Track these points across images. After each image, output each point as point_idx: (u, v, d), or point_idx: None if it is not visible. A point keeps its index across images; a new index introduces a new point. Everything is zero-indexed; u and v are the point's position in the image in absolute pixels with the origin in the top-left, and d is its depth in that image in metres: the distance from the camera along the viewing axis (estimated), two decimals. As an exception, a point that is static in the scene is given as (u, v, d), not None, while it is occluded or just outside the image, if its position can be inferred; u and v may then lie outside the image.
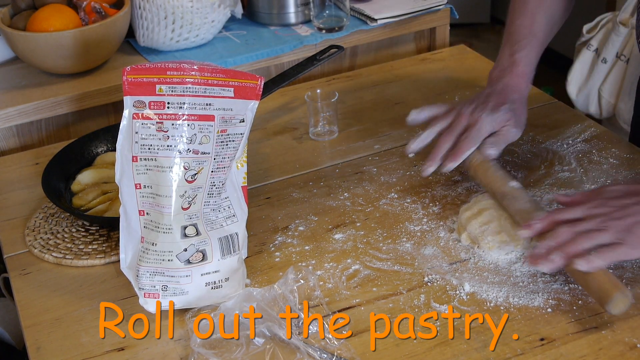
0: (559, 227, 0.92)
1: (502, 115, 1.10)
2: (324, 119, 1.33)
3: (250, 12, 1.67)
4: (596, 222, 0.91)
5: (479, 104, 1.12)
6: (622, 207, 0.92)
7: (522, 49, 1.15)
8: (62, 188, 1.19)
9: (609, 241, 0.89)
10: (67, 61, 1.44)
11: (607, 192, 0.96)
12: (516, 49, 1.15)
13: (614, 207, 0.92)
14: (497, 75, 1.16)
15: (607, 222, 0.90)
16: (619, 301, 0.87)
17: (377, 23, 1.61)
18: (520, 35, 1.16)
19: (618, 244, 0.89)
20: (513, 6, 1.19)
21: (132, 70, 0.90)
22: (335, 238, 1.07)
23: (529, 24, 1.16)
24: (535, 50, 1.16)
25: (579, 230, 0.91)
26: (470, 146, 1.08)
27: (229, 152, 0.95)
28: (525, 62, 1.14)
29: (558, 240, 0.91)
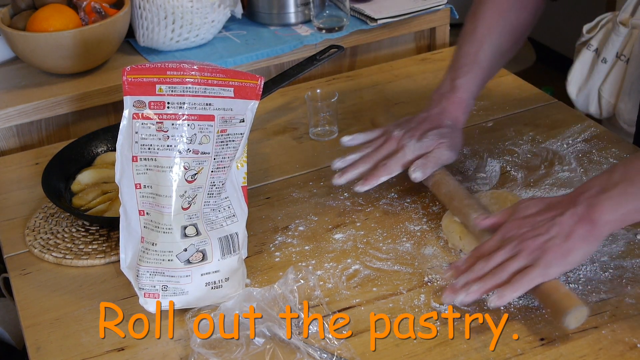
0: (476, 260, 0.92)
1: (431, 140, 1.09)
2: (324, 119, 1.33)
3: (250, 12, 1.67)
4: (510, 247, 0.90)
5: (409, 129, 1.11)
6: (536, 226, 0.91)
7: (463, 75, 1.13)
8: (62, 188, 1.19)
9: (522, 265, 0.88)
10: (67, 61, 1.44)
11: (522, 209, 0.94)
12: (458, 74, 1.14)
13: (527, 226, 0.91)
14: (436, 98, 1.15)
15: (520, 245, 0.90)
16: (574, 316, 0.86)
17: (377, 23, 1.61)
18: (464, 62, 1.14)
19: (531, 267, 0.88)
20: (462, 32, 1.18)
21: (132, 70, 0.90)
22: (335, 238, 1.07)
23: (474, 51, 1.14)
24: (478, 78, 1.14)
25: (494, 264, 0.90)
26: (385, 173, 1.09)
27: (229, 152, 0.95)
28: (465, 88, 1.13)
29: (473, 276, 0.90)
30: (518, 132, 1.29)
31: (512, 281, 0.88)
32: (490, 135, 1.29)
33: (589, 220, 0.88)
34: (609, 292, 0.94)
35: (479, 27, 1.15)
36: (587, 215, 0.88)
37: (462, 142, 1.13)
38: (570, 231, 0.88)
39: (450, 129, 1.12)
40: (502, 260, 0.90)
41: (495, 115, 1.35)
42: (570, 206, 0.90)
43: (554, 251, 0.88)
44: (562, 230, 0.89)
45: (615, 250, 1.00)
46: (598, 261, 0.98)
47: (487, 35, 1.14)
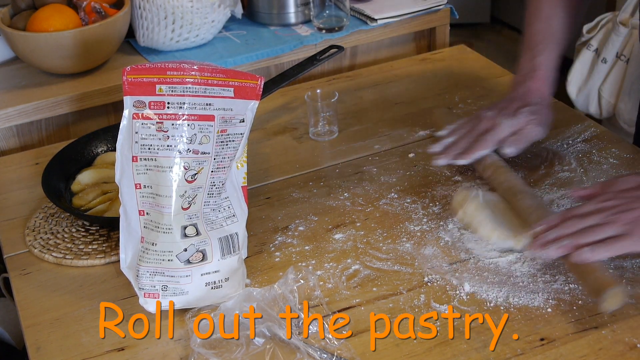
0: (568, 220, 0.93)
1: (523, 117, 1.12)
2: (324, 119, 1.33)
3: (250, 12, 1.67)
4: (604, 215, 0.91)
5: (500, 109, 1.15)
6: (632, 200, 0.92)
7: (540, 53, 1.17)
8: (62, 188, 1.19)
9: (615, 234, 0.90)
10: (67, 61, 1.44)
11: (620, 183, 0.96)
12: (535, 53, 1.17)
13: (624, 199, 0.93)
14: (519, 80, 1.18)
15: (615, 215, 0.91)
16: (614, 296, 0.87)
17: (377, 23, 1.61)
18: (538, 39, 1.18)
19: (624, 236, 0.89)
20: (528, 12, 1.21)
21: (132, 70, 0.90)
22: (335, 238, 1.07)
23: (544, 28, 1.18)
24: (555, 53, 1.18)
25: (586, 224, 0.91)
26: (483, 147, 1.12)
27: (229, 152, 0.95)
28: (545, 65, 1.17)
29: (565, 231, 0.92)
30: (518, 132, 1.29)
31: (605, 242, 0.89)
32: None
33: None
34: (609, 292, 0.94)
35: (544, 4, 1.19)
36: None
37: (552, 117, 1.16)
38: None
39: (539, 105, 1.14)
40: (595, 224, 0.91)
41: (495, 115, 1.34)
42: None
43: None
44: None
45: (615, 250, 1.00)
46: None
47: (553, 9, 1.18)
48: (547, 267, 0.98)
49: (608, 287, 0.87)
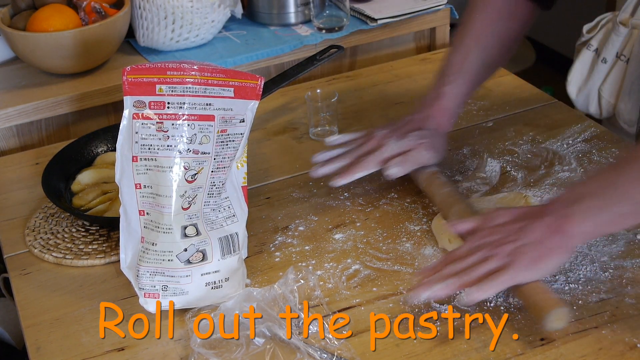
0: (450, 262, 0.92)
1: (412, 139, 1.11)
2: (324, 119, 1.33)
3: (250, 12, 1.67)
4: (485, 251, 0.90)
5: (393, 129, 1.14)
6: (510, 233, 0.91)
7: (449, 83, 1.15)
8: (62, 188, 1.19)
9: (497, 267, 0.88)
10: (67, 61, 1.44)
11: (495, 217, 0.95)
12: (444, 82, 1.16)
13: (502, 233, 0.92)
14: (423, 104, 1.17)
15: (495, 249, 0.90)
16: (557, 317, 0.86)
17: (377, 23, 1.61)
18: (451, 71, 1.16)
19: (506, 268, 0.88)
20: (452, 40, 1.20)
21: (132, 70, 0.90)
22: (335, 238, 1.07)
23: (460, 61, 1.16)
24: (463, 87, 1.15)
25: (469, 263, 0.90)
26: (365, 168, 1.10)
27: (229, 152, 0.95)
28: (450, 97, 1.15)
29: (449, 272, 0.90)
30: (518, 132, 1.29)
31: (482, 282, 0.88)
32: (490, 135, 1.29)
33: (559, 230, 0.89)
34: (609, 292, 0.94)
35: (467, 37, 1.16)
36: (558, 226, 0.89)
37: (444, 146, 1.15)
38: (541, 240, 0.89)
39: (433, 132, 1.13)
40: (474, 263, 0.90)
41: (495, 115, 1.35)
42: (543, 216, 0.91)
43: (525, 257, 0.88)
44: (533, 238, 0.89)
45: (615, 250, 1.00)
46: (598, 261, 0.98)
47: (475, 45, 1.16)
48: (547, 267, 0.98)
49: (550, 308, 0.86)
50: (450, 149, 1.25)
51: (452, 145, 1.26)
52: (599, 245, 1.01)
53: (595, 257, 0.99)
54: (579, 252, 1.00)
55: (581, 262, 0.98)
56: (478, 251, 0.91)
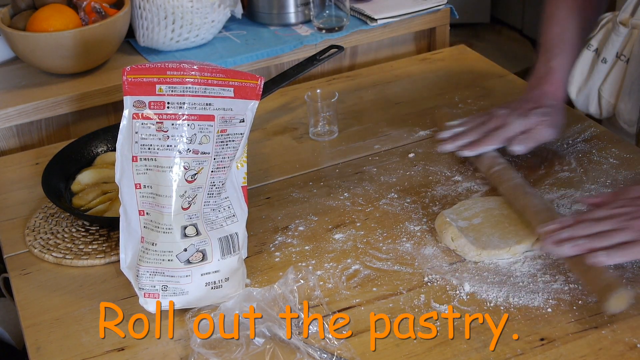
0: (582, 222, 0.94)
1: (534, 117, 1.14)
2: (324, 119, 1.33)
3: (250, 12, 1.67)
4: (617, 221, 0.92)
5: (513, 108, 1.17)
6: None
7: (555, 57, 1.19)
8: (62, 188, 1.19)
9: (628, 239, 0.90)
10: (67, 61, 1.44)
11: (631, 191, 0.97)
12: (550, 56, 1.19)
13: (636, 206, 0.93)
14: (534, 83, 1.20)
15: (628, 222, 0.91)
16: (618, 299, 0.87)
17: (377, 23, 1.61)
18: (553, 44, 1.20)
19: (637, 242, 0.90)
20: (545, 17, 1.23)
21: (132, 70, 0.90)
22: (335, 238, 1.07)
23: (560, 32, 1.20)
24: (569, 56, 1.20)
25: (600, 229, 0.92)
26: (491, 142, 1.14)
27: (229, 152, 0.95)
28: (560, 68, 1.18)
29: (579, 232, 0.92)
30: (518, 132, 1.29)
31: (620, 247, 0.89)
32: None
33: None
34: (609, 292, 0.94)
35: (561, 8, 1.21)
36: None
37: (564, 120, 1.18)
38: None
39: (552, 108, 1.16)
40: (609, 230, 0.92)
41: (495, 115, 1.34)
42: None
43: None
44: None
45: (615, 250, 1.00)
46: (598, 261, 0.98)
47: (570, 13, 1.20)
48: (547, 267, 0.98)
49: (614, 289, 0.87)
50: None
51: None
52: (599, 245, 1.01)
53: (595, 257, 0.99)
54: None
55: (581, 262, 0.98)
56: (612, 219, 0.92)
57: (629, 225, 0.91)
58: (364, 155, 1.26)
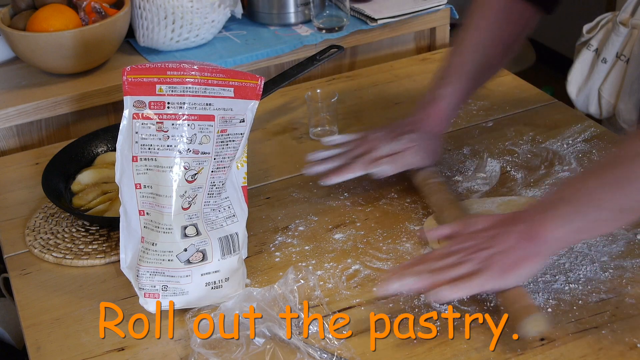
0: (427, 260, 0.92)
1: (402, 142, 1.12)
2: (324, 119, 1.33)
3: (250, 12, 1.67)
4: (456, 257, 0.91)
5: (387, 132, 1.15)
6: (486, 239, 0.91)
7: (445, 86, 1.15)
8: (62, 188, 1.19)
9: (470, 270, 0.89)
10: (67, 61, 1.44)
11: (471, 224, 0.96)
12: (440, 85, 1.16)
13: (478, 239, 0.92)
14: (417, 108, 1.18)
15: (470, 255, 0.90)
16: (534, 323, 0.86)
17: (377, 23, 1.61)
18: (448, 73, 1.16)
19: (478, 272, 0.88)
20: (455, 41, 1.19)
21: (132, 70, 0.90)
22: (335, 238, 1.07)
23: (459, 63, 1.16)
24: (460, 89, 1.15)
25: (444, 264, 0.90)
26: (356, 170, 1.12)
27: (229, 152, 0.95)
28: (446, 99, 1.15)
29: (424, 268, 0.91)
30: (518, 132, 1.29)
31: (463, 279, 0.88)
32: (490, 135, 1.29)
33: (532, 237, 0.89)
34: (609, 292, 0.94)
35: (467, 40, 1.17)
36: (531, 233, 0.89)
37: (437, 149, 1.16)
38: (514, 247, 0.89)
39: (425, 134, 1.14)
40: (448, 265, 0.91)
41: (495, 115, 1.35)
42: (517, 222, 0.91)
43: (497, 265, 0.88)
44: (507, 245, 0.89)
45: (615, 250, 1.00)
46: (598, 261, 0.98)
47: (474, 47, 1.16)
48: (548, 267, 0.98)
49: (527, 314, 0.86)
50: (450, 149, 1.25)
51: (452, 145, 1.26)
52: (599, 245, 1.01)
53: (595, 257, 0.99)
54: (579, 253, 1.00)
55: (581, 262, 0.98)
56: (455, 254, 0.91)
57: (471, 258, 0.90)
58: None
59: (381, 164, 1.11)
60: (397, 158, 1.11)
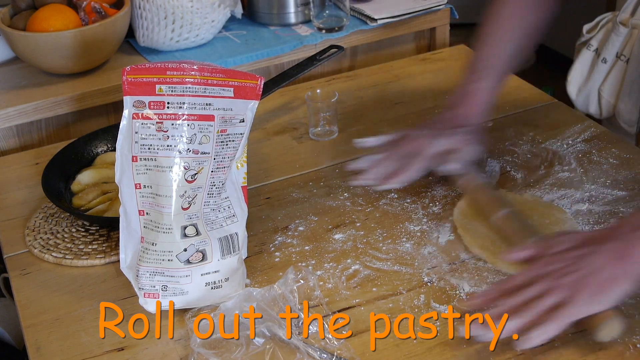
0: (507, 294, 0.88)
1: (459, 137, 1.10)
2: (324, 119, 1.33)
3: (250, 12, 1.67)
4: (542, 284, 0.86)
5: (430, 129, 1.13)
6: (572, 261, 0.87)
7: (478, 79, 1.14)
8: (62, 188, 1.19)
9: (556, 302, 0.84)
10: (67, 61, 1.44)
11: (556, 244, 0.91)
12: (473, 78, 1.15)
13: (560, 263, 0.87)
14: (450, 104, 1.16)
15: (555, 281, 0.85)
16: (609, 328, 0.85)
17: (377, 23, 1.61)
18: (481, 65, 1.15)
19: (566, 304, 0.84)
20: (479, 34, 1.18)
21: (132, 70, 0.90)
22: (335, 238, 1.07)
23: (490, 54, 1.15)
24: (494, 80, 1.14)
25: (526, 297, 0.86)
26: (414, 169, 1.08)
27: (229, 152, 0.95)
28: (481, 92, 1.14)
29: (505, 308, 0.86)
30: (518, 132, 1.29)
31: (550, 316, 0.83)
32: (490, 135, 1.29)
33: (623, 257, 0.84)
34: (609, 292, 0.94)
35: (495, 30, 1.16)
36: (622, 252, 0.84)
37: (484, 140, 1.15)
38: (604, 268, 0.84)
39: (473, 128, 1.13)
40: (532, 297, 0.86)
41: (495, 115, 1.34)
42: (606, 241, 0.87)
43: (586, 290, 0.84)
44: (596, 267, 0.85)
45: (615, 250, 1.00)
46: (598, 261, 0.98)
47: (504, 37, 1.15)
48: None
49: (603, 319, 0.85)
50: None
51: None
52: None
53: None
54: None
55: (581, 262, 0.98)
56: (537, 282, 0.86)
57: (556, 285, 0.85)
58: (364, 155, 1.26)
59: (448, 160, 1.09)
60: (459, 153, 1.09)
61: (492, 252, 1.00)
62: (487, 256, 1.00)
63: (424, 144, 1.10)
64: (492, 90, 1.14)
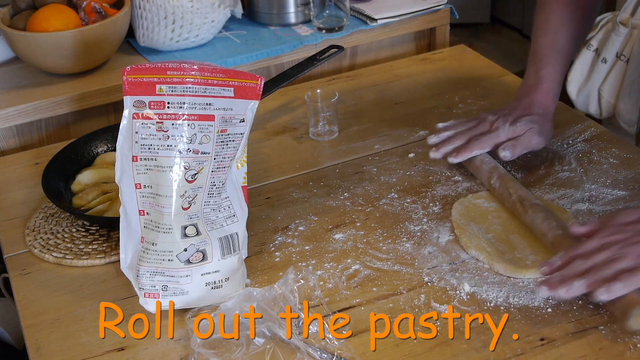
0: (576, 260, 0.89)
1: (523, 124, 1.14)
2: (324, 119, 1.33)
3: (250, 12, 1.67)
4: (613, 250, 0.88)
5: (502, 115, 1.17)
6: (637, 233, 0.89)
7: (545, 66, 1.19)
8: (62, 188, 1.19)
9: (628, 267, 0.86)
10: (67, 61, 1.44)
11: (622, 216, 0.93)
12: (540, 66, 1.19)
13: (628, 232, 0.89)
14: (524, 92, 1.21)
15: (625, 249, 0.87)
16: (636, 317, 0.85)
17: (377, 23, 1.61)
18: (544, 52, 1.20)
19: (632, 271, 0.85)
20: (536, 25, 1.23)
21: (132, 70, 0.90)
22: (335, 238, 1.07)
23: (551, 41, 1.20)
24: (560, 65, 1.19)
25: (593, 263, 0.88)
26: (479, 147, 1.14)
27: (229, 152, 0.95)
28: (550, 78, 1.19)
29: (571, 272, 0.88)
30: (518, 132, 1.29)
31: (621, 277, 0.85)
32: (490, 135, 1.29)
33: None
34: (609, 292, 0.94)
35: (551, 17, 1.20)
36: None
37: (552, 129, 1.18)
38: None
39: (541, 116, 1.16)
40: (604, 261, 0.87)
41: (495, 115, 1.34)
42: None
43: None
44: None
45: (615, 250, 1.00)
46: (598, 261, 0.98)
47: (560, 23, 1.20)
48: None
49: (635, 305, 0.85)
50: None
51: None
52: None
53: (596, 257, 0.99)
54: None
55: (581, 262, 0.98)
56: (604, 250, 0.88)
57: (626, 253, 0.87)
58: (364, 155, 1.26)
59: (505, 146, 1.12)
60: (519, 141, 1.13)
61: (488, 253, 1.00)
62: (484, 257, 1.00)
63: (493, 128, 1.15)
64: (559, 76, 1.19)
